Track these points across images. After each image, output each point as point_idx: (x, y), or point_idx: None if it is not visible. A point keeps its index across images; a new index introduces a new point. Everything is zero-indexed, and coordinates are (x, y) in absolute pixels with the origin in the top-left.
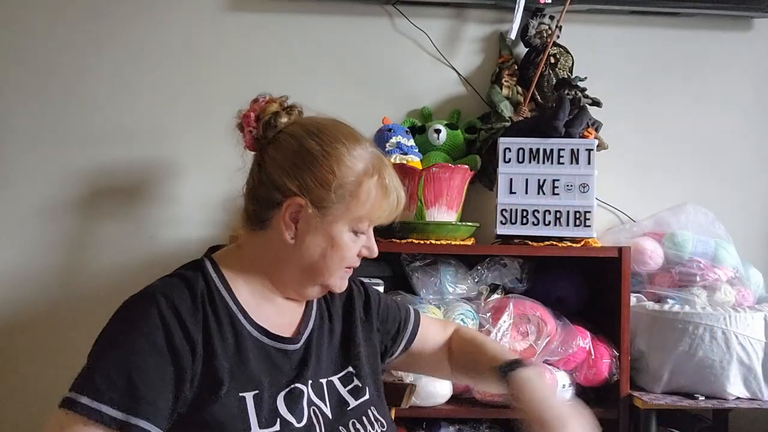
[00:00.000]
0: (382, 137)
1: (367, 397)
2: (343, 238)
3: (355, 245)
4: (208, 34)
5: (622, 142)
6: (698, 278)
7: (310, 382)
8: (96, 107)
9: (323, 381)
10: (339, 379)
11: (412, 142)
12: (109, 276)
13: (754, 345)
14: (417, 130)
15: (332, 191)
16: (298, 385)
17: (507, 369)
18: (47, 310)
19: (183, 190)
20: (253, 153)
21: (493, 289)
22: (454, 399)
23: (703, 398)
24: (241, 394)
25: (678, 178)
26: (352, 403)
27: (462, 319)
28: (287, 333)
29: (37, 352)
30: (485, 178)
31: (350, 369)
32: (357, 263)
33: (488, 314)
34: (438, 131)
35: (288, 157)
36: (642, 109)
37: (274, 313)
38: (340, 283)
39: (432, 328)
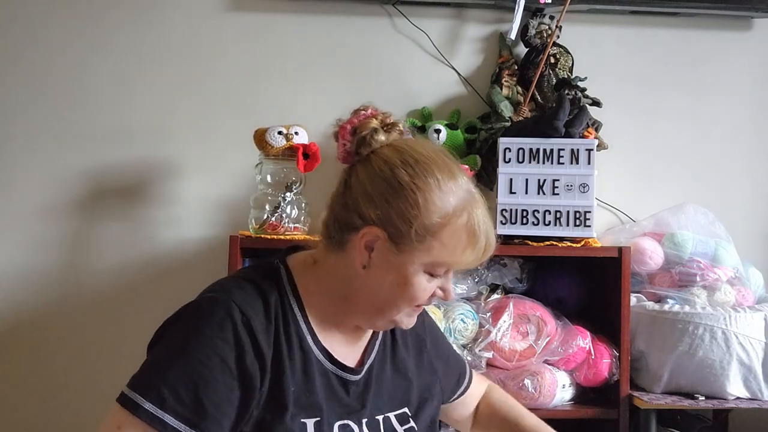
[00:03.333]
0: None
1: None
2: (416, 278)
3: (429, 286)
4: (209, 34)
5: (622, 142)
6: (698, 278)
7: (365, 420)
8: (96, 107)
9: (380, 417)
10: (396, 416)
11: None
12: (109, 276)
13: (754, 345)
14: (417, 130)
15: (413, 229)
16: (350, 422)
17: None
18: (47, 310)
19: (183, 190)
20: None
21: (493, 289)
22: None
23: (703, 398)
24: (303, 420)
25: (678, 178)
26: None
27: (462, 319)
28: (350, 362)
29: (37, 352)
30: (485, 178)
31: (406, 409)
32: (429, 303)
33: (488, 314)
34: (438, 131)
35: (375, 183)
36: (642, 109)
37: (341, 338)
38: (407, 321)
39: (476, 384)
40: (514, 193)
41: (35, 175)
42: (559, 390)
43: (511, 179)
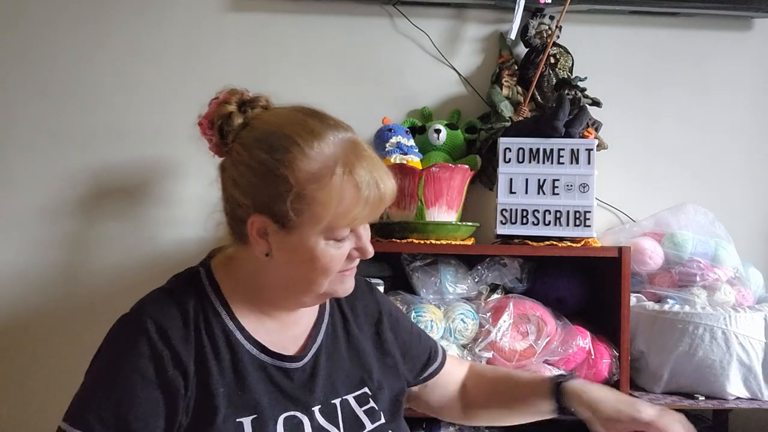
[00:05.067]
0: (382, 137)
1: (383, 421)
2: (320, 249)
3: (339, 252)
4: (209, 35)
5: (622, 142)
6: (698, 278)
7: (318, 406)
8: (96, 107)
9: (336, 401)
10: (354, 398)
11: (412, 142)
12: (109, 276)
13: (754, 345)
14: (417, 130)
15: (288, 203)
16: (297, 413)
17: (559, 380)
18: (47, 310)
19: (183, 190)
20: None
21: (493, 289)
22: None
23: (703, 398)
24: (238, 420)
25: (678, 178)
26: (368, 425)
27: (462, 319)
28: (290, 350)
29: (37, 352)
30: (485, 178)
31: (366, 389)
32: (351, 266)
33: (488, 314)
34: (438, 131)
35: (240, 171)
36: (642, 109)
37: (276, 328)
38: (341, 288)
39: (454, 365)
40: (514, 193)
41: (35, 175)
42: None
43: (511, 179)
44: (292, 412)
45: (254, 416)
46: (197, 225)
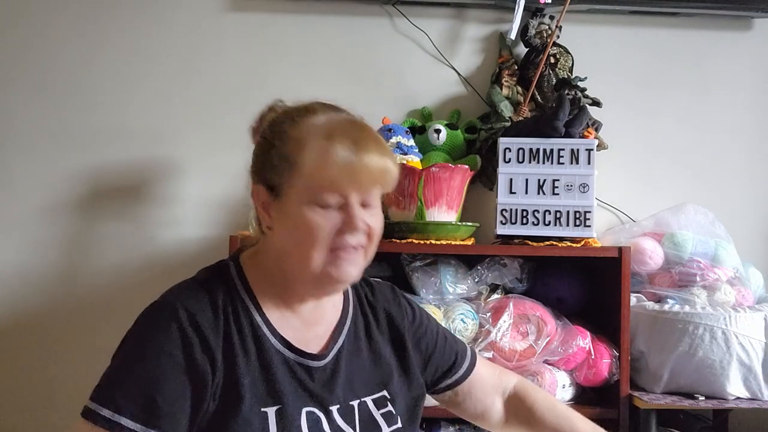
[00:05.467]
0: (382, 137)
1: (399, 425)
2: (307, 216)
3: (324, 220)
4: (209, 35)
5: (622, 142)
6: (698, 278)
7: (336, 406)
8: (96, 107)
9: (354, 403)
10: (373, 401)
11: (412, 142)
12: (109, 276)
13: (754, 345)
14: (417, 130)
15: (273, 160)
16: (316, 410)
17: None
18: (47, 310)
19: (183, 190)
20: None
21: (493, 289)
22: None
23: (703, 398)
24: (263, 409)
25: (678, 178)
26: (385, 428)
27: (462, 319)
28: (313, 348)
29: (37, 352)
30: (485, 178)
31: (385, 392)
32: (343, 242)
33: (488, 314)
34: (438, 131)
35: (253, 152)
36: (642, 109)
37: (300, 325)
38: (335, 271)
39: (486, 371)
40: (514, 193)
41: (35, 175)
42: (559, 390)
43: (511, 179)
44: (312, 408)
45: (278, 407)
46: (197, 225)
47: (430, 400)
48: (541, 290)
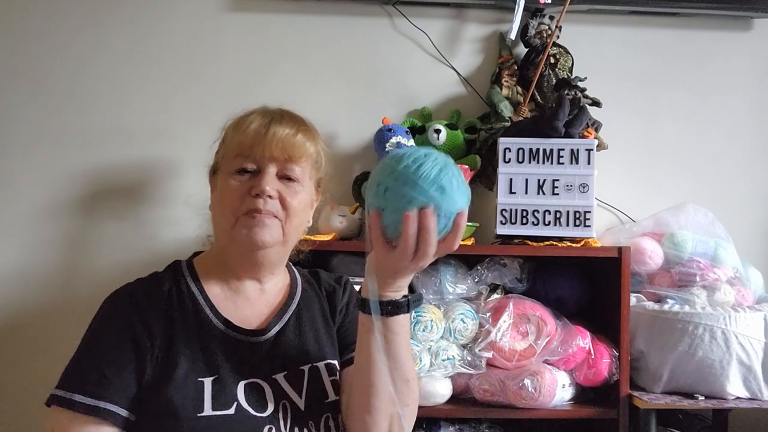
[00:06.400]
0: (382, 137)
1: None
2: (226, 182)
3: (241, 186)
4: (209, 35)
5: (622, 142)
6: (698, 278)
7: (283, 373)
8: (96, 107)
9: (305, 368)
10: (325, 365)
11: (412, 142)
12: (109, 276)
13: (754, 345)
14: (417, 130)
15: (216, 153)
16: (257, 380)
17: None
18: (47, 310)
19: (183, 190)
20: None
21: (493, 289)
22: (454, 399)
23: (703, 398)
24: (200, 379)
25: (678, 178)
26: (332, 397)
27: (462, 319)
28: (254, 325)
29: (37, 352)
30: (485, 178)
31: (336, 362)
32: (254, 206)
33: (488, 314)
34: (438, 131)
35: None
36: (642, 109)
37: (244, 305)
38: (245, 232)
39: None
40: (514, 193)
41: (35, 175)
42: (559, 390)
43: (511, 179)
44: (253, 379)
45: (215, 377)
46: (197, 225)
47: (425, 399)
48: (541, 290)
